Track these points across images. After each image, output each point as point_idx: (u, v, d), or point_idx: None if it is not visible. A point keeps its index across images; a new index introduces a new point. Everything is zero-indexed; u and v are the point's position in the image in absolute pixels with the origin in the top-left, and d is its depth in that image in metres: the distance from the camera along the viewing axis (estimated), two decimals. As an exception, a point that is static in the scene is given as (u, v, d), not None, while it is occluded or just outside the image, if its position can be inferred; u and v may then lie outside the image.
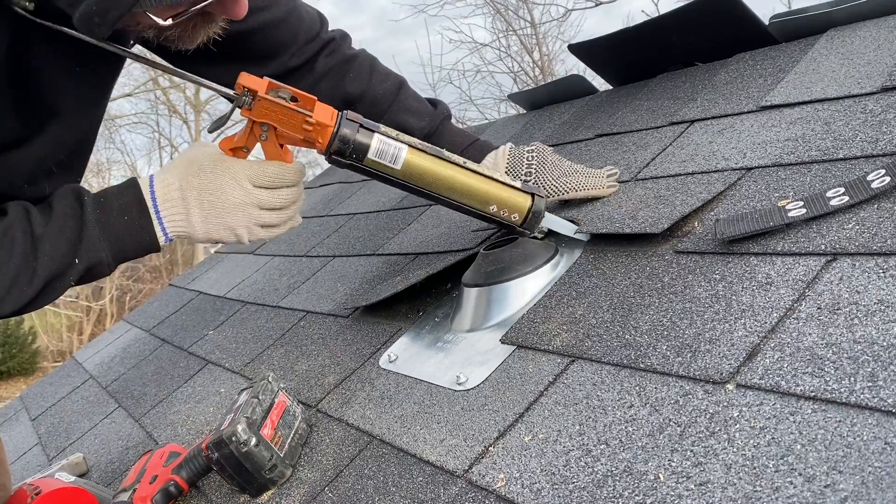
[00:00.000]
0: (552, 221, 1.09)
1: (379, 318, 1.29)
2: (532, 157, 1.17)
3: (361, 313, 1.36)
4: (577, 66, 13.94)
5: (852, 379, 0.61)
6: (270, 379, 1.06)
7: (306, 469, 0.99)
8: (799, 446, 0.58)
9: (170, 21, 0.90)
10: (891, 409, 0.56)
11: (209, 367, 1.58)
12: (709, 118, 1.24)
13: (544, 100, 1.90)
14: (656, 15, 1.70)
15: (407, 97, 1.26)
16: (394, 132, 1.01)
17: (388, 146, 0.98)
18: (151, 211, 0.98)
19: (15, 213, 0.94)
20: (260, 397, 1.01)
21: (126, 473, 1.23)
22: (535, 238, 1.11)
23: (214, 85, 1.06)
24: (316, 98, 0.98)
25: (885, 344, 0.62)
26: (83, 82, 1.06)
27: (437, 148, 1.03)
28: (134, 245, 0.99)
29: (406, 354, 1.11)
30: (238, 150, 1.00)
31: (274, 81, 0.96)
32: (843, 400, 0.59)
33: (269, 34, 1.21)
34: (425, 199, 1.05)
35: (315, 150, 1.00)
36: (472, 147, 1.22)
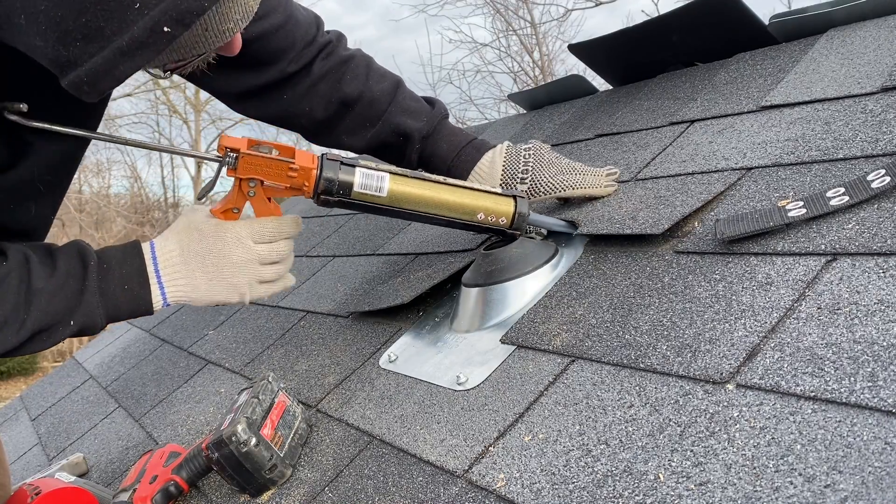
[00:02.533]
0: (541, 221, 1.10)
1: (379, 318, 1.29)
2: (529, 155, 1.17)
3: (362, 313, 1.36)
4: (577, 66, 13.96)
5: (852, 379, 0.61)
6: (270, 379, 1.06)
7: (306, 469, 0.99)
8: (799, 446, 0.58)
9: (168, 73, 0.92)
10: (891, 409, 0.56)
11: (209, 367, 1.58)
12: (709, 118, 1.24)
13: (544, 100, 1.90)
14: (656, 15, 1.70)
15: (404, 97, 1.26)
16: (373, 163, 1.04)
17: (371, 178, 1.02)
18: (153, 282, 1.00)
19: (14, 261, 0.95)
20: (260, 397, 1.01)
21: (126, 473, 1.23)
22: (532, 239, 1.11)
23: (199, 153, 1.19)
24: (294, 147, 1.02)
25: (885, 344, 0.62)
26: (70, 105, 1.01)
27: (416, 171, 1.07)
28: (129, 311, 1.01)
29: (406, 354, 1.11)
30: (229, 212, 1.03)
31: (253, 139, 1.00)
32: (843, 400, 0.59)
33: (267, 42, 1.20)
34: (416, 221, 1.08)
35: (304, 196, 1.03)
36: (470, 146, 1.22)
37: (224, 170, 0.99)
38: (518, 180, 1.16)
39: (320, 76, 1.24)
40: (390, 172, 1.03)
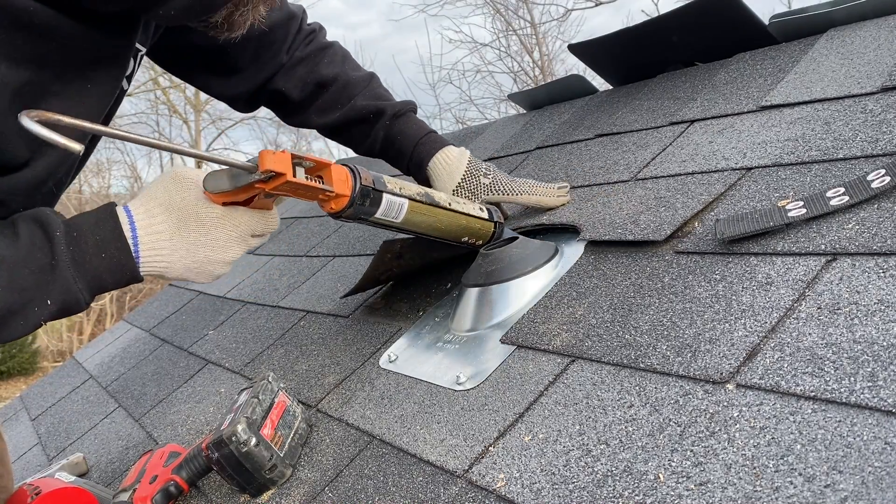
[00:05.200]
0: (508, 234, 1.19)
1: (379, 318, 1.29)
2: (489, 167, 1.25)
3: (362, 313, 1.36)
4: (577, 66, 13.95)
5: (852, 379, 0.61)
6: (270, 379, 1.06)
7: (306, 469, 0.99)
8: (799, 446, 0.58)
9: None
10: (891, 409, 0.56)
11: (209, 367, 1.58)
12: (709, 118, 1.24)
13: (544, 100, 1.90)
14: (656, 15, 1.70)
15: (378, 85, 1.32)
16: (397, 185, 1.04)
17: (392, 204, 1.03)
18: (131, 245, 0.92)
19: None
20: (260, 397, 1.01)
21: (126, 473, 1.23)
22: (532, 239, 1.12)
23: (236, 162, 0.95)
24: (330, 162, 0.97)
25: (885, 344, 0.62)
26: (87, 98, 1.00)
27: (428, 194, 1.09)
28: (113, 280, 0.92)
29: (406, 354, 1.11)
30: (230, 204, 0.97)
31: (294, 153, 0.93)
32: (843, 400, 0.59)
33: (270, 35, 1.25)
34: (412, 235, 1.14)
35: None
36: (427, 137, 1.27)
37: (246, 180, 0.93)
38: (482, 174, 1.22)
39: (300, 59, 1.29)
40: (409, 199, 1.05)
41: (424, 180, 1.27)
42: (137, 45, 1.05)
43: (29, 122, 0.80)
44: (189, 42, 1.19)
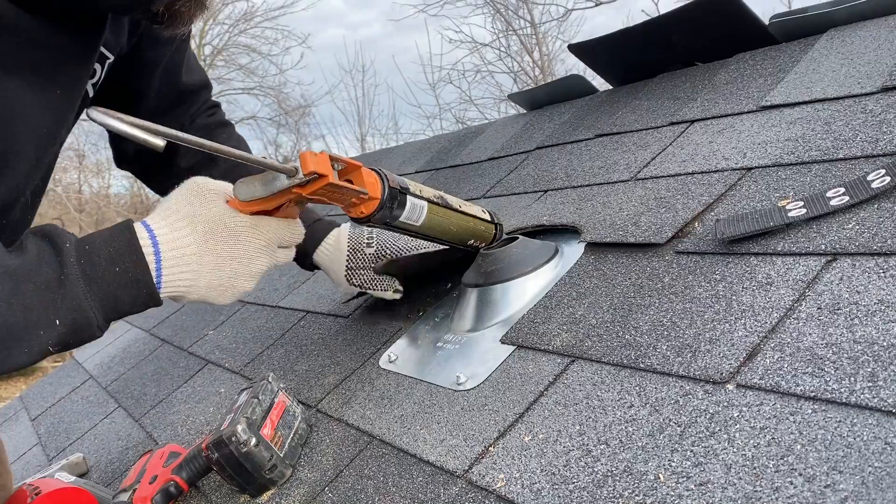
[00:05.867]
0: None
1: (379, 318, 1.29)
2: (370, 234, 1.22)
3: (361, 313, 1.36)
4: (577, 66, 13.93)
5: (852, 379, 0.61)
6: (270, 379, 1.06)
7: (306, 469, 0.98)
8: (799, 446, 0.58)
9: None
10: (891, 409, 0.56)
11: (209, 367, 1.58)
12: (709, 118, 1.24)
13: (544, 100, 1.90)
14: (656, 15, 1.70)
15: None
16: (417, 187, 1.02)
17: (415, 207, 1.01)
18: (151, 266, 0.85)
19: None
20: (260, 397, 1.01)
21: (126, 473, 1.23)
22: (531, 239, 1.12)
23: (273, 163, 0.88)
24: (360, 164, 0.94)
25: (885, 344, 0.62)
26: (55, 101, 0.96)
27: (443, 197, 1.07)
28: (130, 300, 0.84)
29: (406, 354, 1.11)
30: (259, 214, 0.93)
31: (333, 154, 0.90)
32: (843, 400, 0.59)
33: (187, 95, 1.29)
34: (422, 239, 1.11)
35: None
36: (311, 228, 1.21)
37: (286, 185, 0.88)
38: (364, 245, 1.21)
39: (200, 126, 1.32)
40: (428, 201, 1.02)
41: (312, 266, 1.27)
42: (104, 51, 1.03)
43: (102, 116, 0.75)
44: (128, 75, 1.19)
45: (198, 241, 0.89)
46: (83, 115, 0.99)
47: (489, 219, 1.13)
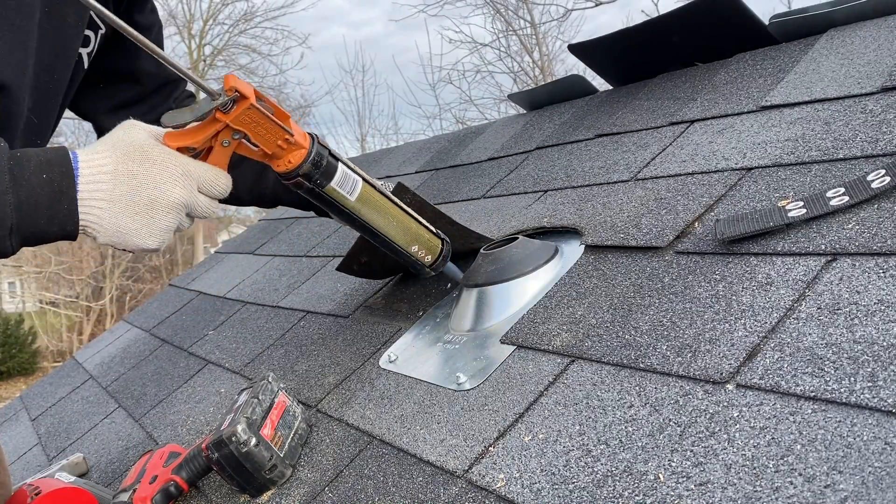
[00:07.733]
0: (450, 269, 1.14)
1: (379, 318, 1.29)
2: None
3: (362, 313, 1.36)
4: (577, 66, 13.94)
5: (852, 379, 0.61)
6: (270, 379, 1.06)
7: (306, 469, 0.99)
8: (799, 446, 0.58)
9: None
10: (891, 409, 0.56)
11: (209, 367, 1.58)
12: (709, 118, 1.24)
13: (544, 100, 1.90)
14: (656, 15, 1.70)
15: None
16: (351, 163, 1.01)
17: (348, 177, 0.99)
18: (72, 178, 0.84)
19: None
20: (260, 397, 1.01)
21: (126, 473, 1.23)
22: (531, 240, 1.12)
23: (196, 78, 0.91)
24: (289, 114, 0.93)
25: (885, 344, 0.62)
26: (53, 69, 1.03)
27: (380, 183, 1.05)
28: (48, 215, 0.82)
29: (406, 354, 1.11)
30: (184, 149, 0.89)
31: (258, 91, 0.89)
32: (843, 400, 0.59)
33: (175, 83, 1.41)
34: (359, 231, 1.07)
35: (271, 167, 0.95)
36: None
37: (208, 107, 0.87)
38: None
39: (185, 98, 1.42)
40: (364, 179, 1.01)
41: None
42: (97, 19, 1.13)
43: None
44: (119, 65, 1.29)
45: (114, 161, 0.86)
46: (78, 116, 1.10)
47: (433, 230, 1.10)
